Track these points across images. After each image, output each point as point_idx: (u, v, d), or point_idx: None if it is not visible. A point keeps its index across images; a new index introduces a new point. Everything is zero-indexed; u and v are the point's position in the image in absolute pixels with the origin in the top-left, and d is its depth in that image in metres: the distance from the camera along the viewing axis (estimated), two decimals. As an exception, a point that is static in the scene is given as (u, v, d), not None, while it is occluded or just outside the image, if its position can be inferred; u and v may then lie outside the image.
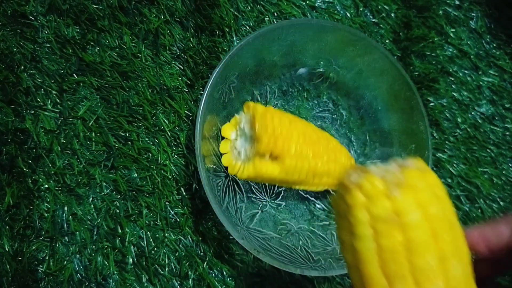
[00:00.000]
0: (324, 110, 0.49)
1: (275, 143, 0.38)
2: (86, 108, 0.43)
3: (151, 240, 0.41)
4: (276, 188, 0.46)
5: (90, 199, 0.41)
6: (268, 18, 0.50)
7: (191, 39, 0.47)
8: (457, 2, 0.58)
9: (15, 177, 0.40)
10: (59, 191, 0.40)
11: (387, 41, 0.55)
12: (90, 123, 0.42)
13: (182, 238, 0.42)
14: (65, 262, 0.39)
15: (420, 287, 0.18)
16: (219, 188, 0.41)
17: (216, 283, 0.42)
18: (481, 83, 0.57)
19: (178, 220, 0.42)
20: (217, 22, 0.48)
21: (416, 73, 0.54)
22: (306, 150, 0.40)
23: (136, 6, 0.46)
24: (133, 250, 0.41)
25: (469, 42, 0.58)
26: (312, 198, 0.46)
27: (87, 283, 0.39)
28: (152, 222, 0.42)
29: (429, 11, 0.57)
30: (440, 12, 0.57)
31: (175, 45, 0.47)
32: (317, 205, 0.46)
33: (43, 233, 0.39)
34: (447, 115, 0.54)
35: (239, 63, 0.42)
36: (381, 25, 0.55)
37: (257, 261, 0.43)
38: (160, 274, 0.41)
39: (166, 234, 0.42)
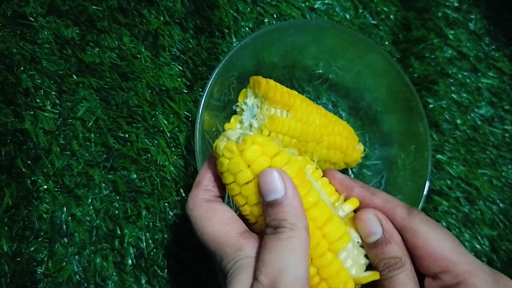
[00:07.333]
0: (323, 112, 0.49)
1: (281, 95, 0.39)
2: (86, 109, 0.43)
3: (150, 241, 0.41)
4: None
5: (89, 200, 0.41)
6: (267, 20, 0.50)
7: (190, 40, 0.47)
8: (456, 4, 0.59)
9: (14, 177, 0.39)
10: (58, 192, 0.40)
11: (386, 42, 0.55)
12: (89, 124, 0.42)
13: (181, 239, 0.42)
14: (64, 263, 0.39)
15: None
16: (218, 189, 0.41)
17: (216, 285, 0.42)
18: (480, 85, 0.57)
19: (177, 221, 0.42)
20: (217, 23, 0.48)
21: (416, 75, 0.54)
22: (312, 110, 0.40)
23: (135, 7, 0.46)
24: (132, 251, 0.41)
25: (468, 44, 0.58)
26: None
27: (85, 285, 0.39)
28: (151, 223, 0.42)
29: (428, 13, 0.57)
30: (439, 14, 0.57)
31: (175, 46, 0.47)
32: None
33: (42, 234, 0.39)
34: (447, 116, 0.54)
35: (238, 64, 0.42)
36: (381, 27, 0.55)
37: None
38: (159, 275, 0.40)
39: (165, 236, 0.42)
